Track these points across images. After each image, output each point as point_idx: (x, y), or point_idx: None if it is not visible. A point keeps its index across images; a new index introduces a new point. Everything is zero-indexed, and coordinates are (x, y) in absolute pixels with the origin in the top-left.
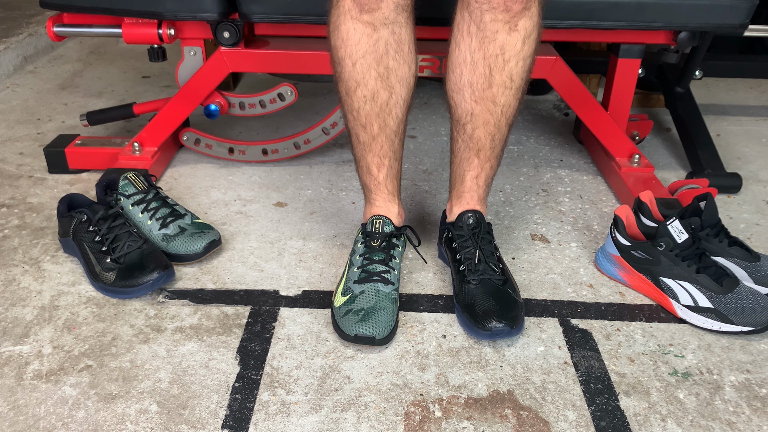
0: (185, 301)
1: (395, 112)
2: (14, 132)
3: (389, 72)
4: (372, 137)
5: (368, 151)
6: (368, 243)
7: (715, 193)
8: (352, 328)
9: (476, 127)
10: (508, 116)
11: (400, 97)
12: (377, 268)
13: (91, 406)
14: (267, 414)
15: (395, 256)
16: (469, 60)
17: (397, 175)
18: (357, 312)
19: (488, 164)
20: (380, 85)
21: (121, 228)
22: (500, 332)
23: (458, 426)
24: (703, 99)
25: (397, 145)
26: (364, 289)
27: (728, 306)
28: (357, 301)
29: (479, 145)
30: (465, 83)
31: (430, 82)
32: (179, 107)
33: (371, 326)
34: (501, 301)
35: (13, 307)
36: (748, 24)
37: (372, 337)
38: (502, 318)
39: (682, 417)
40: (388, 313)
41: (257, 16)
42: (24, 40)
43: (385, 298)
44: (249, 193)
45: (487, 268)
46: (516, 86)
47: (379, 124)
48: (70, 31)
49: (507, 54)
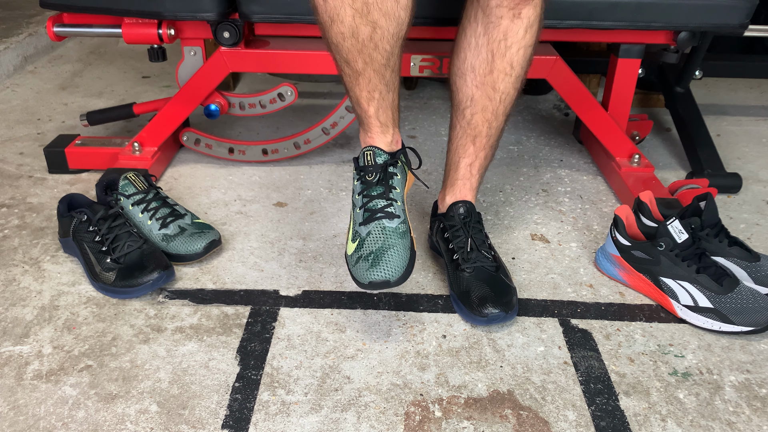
0: (185, 301)
1: (382, 46)
2: (14, 132)
3: (368, 6)
4: (357, 72)
5: (355, 84)
6: (364, 178)
7: (715, 193)
8: (365, 275)
9: (475, 113)
10: (506, 104)
11: (386, 31)
12: (378, 203)
13: (91, 406)
14: (267, 414)
15: (395, 186)
16: (473, 44)
17: (391, 106)
18: (367, 257)
19: (483, 153)
20: (359, 21)
21: (121, 228)
22: (496, 317)
23: (458, 426)
24: (703, 99)
25: (389, 78)
26: (370, 229)
27: (728, 306)
28: (365, 244)
29: (476, 131)
30: (468, 67)
31: (430, 82)
32: (179, 107)
33: (383, 269)
34: (495, 287)
35: (13, 307)
36: (748, 24)
37: (387, 281)
38: (497, 303)
39: (682, 417)
40: (399, 251)
41: (257, 16)
42: (24, 40)
43: (393, 234)
44: (249, 193)
45: (479, 255)
46: (516, 74)
47: (363, 59)
48: (70, 31)
49: (509, 40)
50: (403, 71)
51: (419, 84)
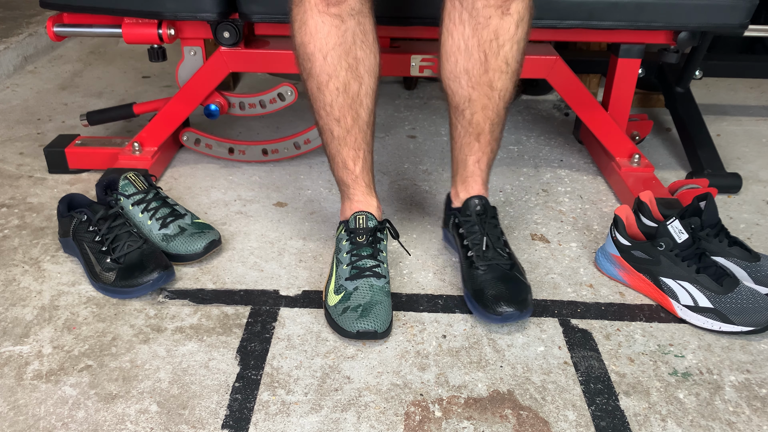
0: (185, 301)
1: (366, 103)
2: (14, 132)
3: (358, 62)
4: (346, 130)
5: (343, 145)
6: (353, 240)
7: (715, 193)
8: (353, 324)
9: (475, 112)
10: (505, 100)
11: (369, 87)
12: (367, 263)
13: (91, 406)
14: (267, 414)
15: (381, 250)
16: (463, 47)
17: (371, 168)
18: (355, 308)
19: (488, 147)
20: (350, 76)
21: (121, 228)
22: (510, 316)
23: (458, 426)
24: (703, 99)
25: (369, 137)
26: (358, 285)
27: (728, 306)
28: (353, 297)
29: (479, 129)
30: (461, 70)
31: (430, 82)
32: (179, 107)
33: (372, 321)
34: (510, 286)
35: (13, 307)
36: (748, 24)
37: (374, 331)
38: (511, 302)
39: (682, 417)
40: (386, 306)
41: (257, 16)
42: (24, 40)
43: (380, 292)
44: (249, 193)
45: (495, 254)
46: (512, 70)
47: (352, 116)
48: (70, 31)
49: (501, 39)
50: (403, 71)
51: (419, 84)
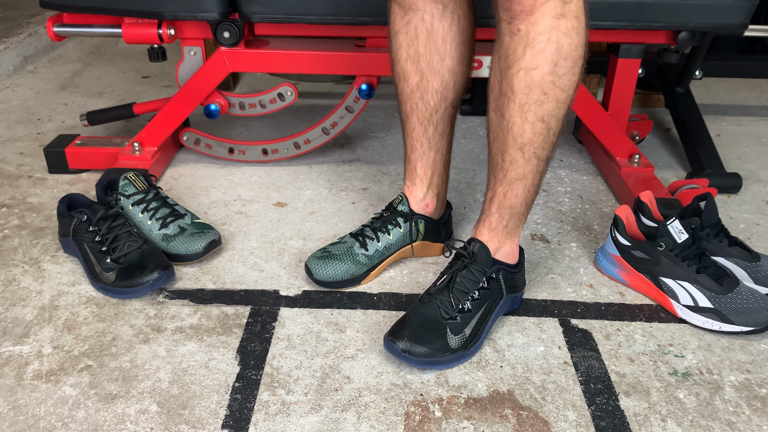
0: (185, 301)
1: (426, 98)
2: (14, 132)
3: (419, 57)
4: (406, 116)
5: (404, 128)
6: (380, 214)
7: (715, 193)
8: (309, 259)
9: (492, 141)
10: (514, 135)
11: (430, 84)
12: (366, 231)
13: (91, 406)
14: (267, 414)
15: (389, 232)
16: (492, 60)
17: (431, 165)
18: (323, 251)
19: (501, 188)
20: (410, 67)
21: (121, 228)
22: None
23: (458, 426)
24: (703, 99)
25: (431, 134)
26: (346, 240)
27: (728, 306)
28: (332, 245)
29: (494, 161)
30: (488, 86)
31: None
32: (179, 107)
33: (319, 266)
34: (410, 323)
35: (13, 307)
36: (748, 24)
37: (311, 272)
38: (395, 336)
39: (682, 417)
40: (340, 268)
41: (257, 16)
42: (24, 40)
43: (348, 254)
44: (249, 193)
45: (439, 297)
46: (518, 101)
47: (410, 105)
48: (70, 31)
49: (509, 60)
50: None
51: None
